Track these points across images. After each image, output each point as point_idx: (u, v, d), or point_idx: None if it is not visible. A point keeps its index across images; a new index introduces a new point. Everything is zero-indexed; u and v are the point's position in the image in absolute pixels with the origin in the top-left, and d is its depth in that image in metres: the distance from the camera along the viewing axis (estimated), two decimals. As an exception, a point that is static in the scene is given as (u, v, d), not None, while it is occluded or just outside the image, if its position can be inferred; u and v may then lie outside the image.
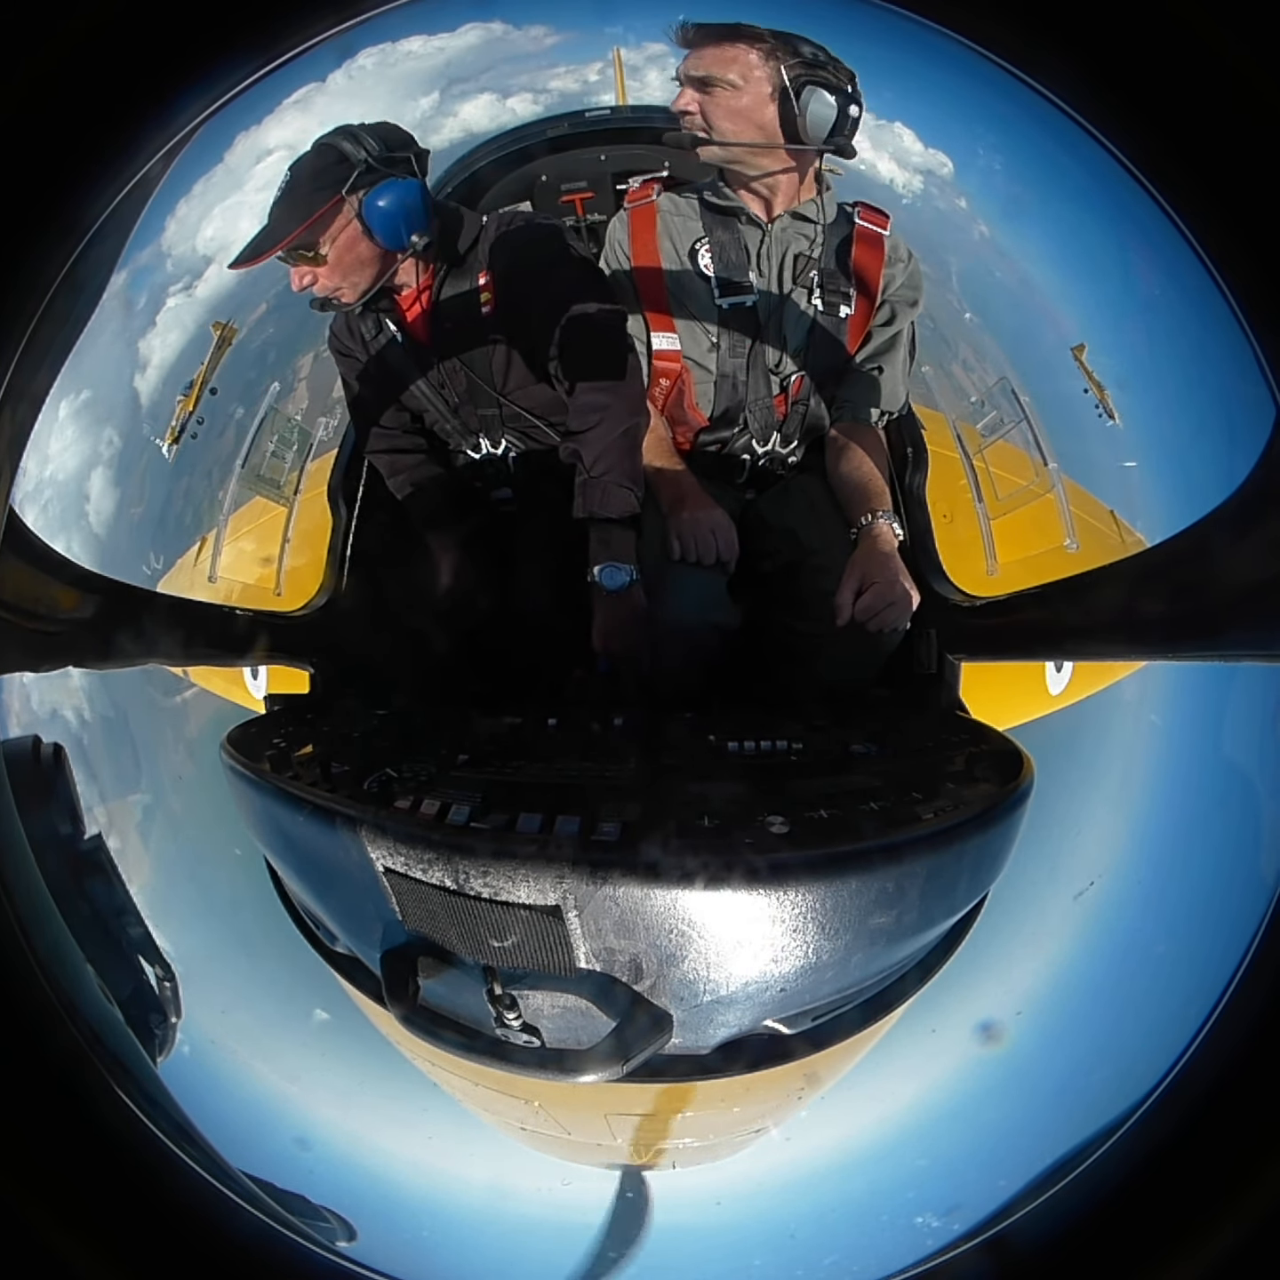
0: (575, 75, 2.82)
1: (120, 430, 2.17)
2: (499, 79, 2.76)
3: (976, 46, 0.64)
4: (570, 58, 2.82)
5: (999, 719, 1.46)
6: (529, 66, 2.81)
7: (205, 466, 2.37)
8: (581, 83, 2.83)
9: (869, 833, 0.84)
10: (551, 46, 2.83)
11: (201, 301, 2.28)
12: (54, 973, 0.66)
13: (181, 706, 2.30)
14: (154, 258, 2.16)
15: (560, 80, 2.82)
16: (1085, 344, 2.04)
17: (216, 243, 2.15)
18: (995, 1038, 1.51)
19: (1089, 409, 2.06)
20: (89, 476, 2.02)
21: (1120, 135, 0.63)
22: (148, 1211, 0.64)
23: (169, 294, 2.23)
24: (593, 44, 2.85)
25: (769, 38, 1.50)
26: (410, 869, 0.84)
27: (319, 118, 1.63)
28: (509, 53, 2.76)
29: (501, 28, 2.69)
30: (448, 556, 1.93)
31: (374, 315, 1.77)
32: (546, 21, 2.77)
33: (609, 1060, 0.81)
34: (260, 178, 1.94)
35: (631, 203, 1.84)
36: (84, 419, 2.00)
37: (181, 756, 2.20)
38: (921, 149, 2.22)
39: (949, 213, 2.32)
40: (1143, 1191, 0.65)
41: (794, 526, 1.85)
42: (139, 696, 2.16)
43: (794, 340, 1.79)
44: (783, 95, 1.52)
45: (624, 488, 1.61)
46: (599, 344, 1.67)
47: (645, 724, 1.31)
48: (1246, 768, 1.38)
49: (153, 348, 2.22)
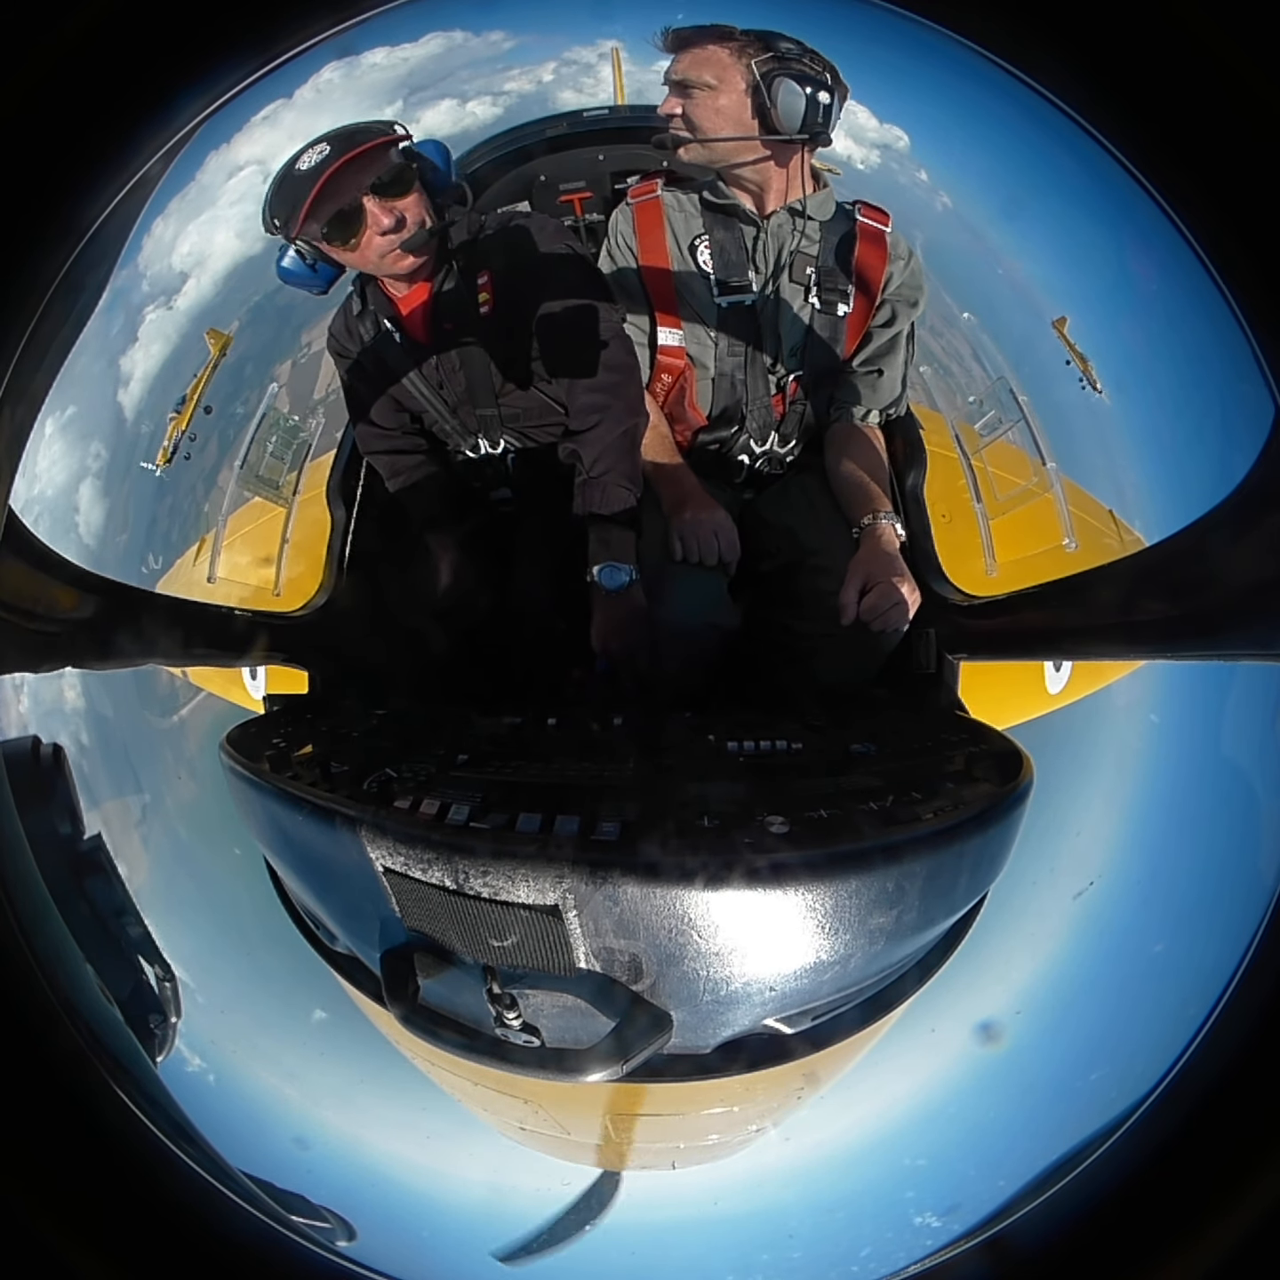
0: (574, 75, 2.83)
1: (126, 425, 2.18)
2: (496, 82, 2.76)
3: (975, 46, 0.64)
4: (570, 58, 2.82)
5: (998, 718, 1.46)
6: (528, 66, 2.81)
7: (204, 467, 2.37)
8: (581, 82, 2.83)
9: (868, 832, 0.84)
10: (551, 47, 2.83)
11: (200, 305, 2.29)
12: (54, 972, 0.65)
13: (180, 707, 2.30)
14: (146, 263, 2.16)
15: (559, 80, 2.82)
16: (1066, 317, 2.05)
17: (193, 257, 2.16)
18: (995, 1037, 1.51)
19: (1090, 411, 2.06)
20: (78, 489, 2.02)
21: (1118, 134, 0.63)
22: (147, 1211, 0.64)
23: (171, 302, 2.24)
24: (593, 44, 2.85)
25: (739, 35, 1.53)
26: (410, 869, 0.84)
27: (288, 132, 1.63)
28: (507, 54, 2.76)
29: (502, 28, 2.70)
30: (447, 557, 1.93)
31: (372, 316, 1.77)
32: (546, 21, 2.77)
33: (608, 1060, 0.81)
34: (234, 191, 1.94)
35: (635, 197, 1.85)
36: (71, 433, 2.00)
37: (180, 757, 2.20)
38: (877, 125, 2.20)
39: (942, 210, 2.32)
40: (1142, 1191, 0.65)
41: (793, 526, 1.85)
42: (138, 697, 2.16)
43: (791, 339, 1.79)
44: (755, 90, 1.54)
45: (623, 488, 1.61)
46: (598, 345, 1.67)
47: (645, 724, 1.31)
48: (1246, 767, 1.38)
49: (142, 359, 2.22)
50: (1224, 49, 0.53)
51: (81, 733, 1.60)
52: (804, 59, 1.52)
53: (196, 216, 2.11)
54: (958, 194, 2.29)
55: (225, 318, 2.38)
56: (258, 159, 1.76)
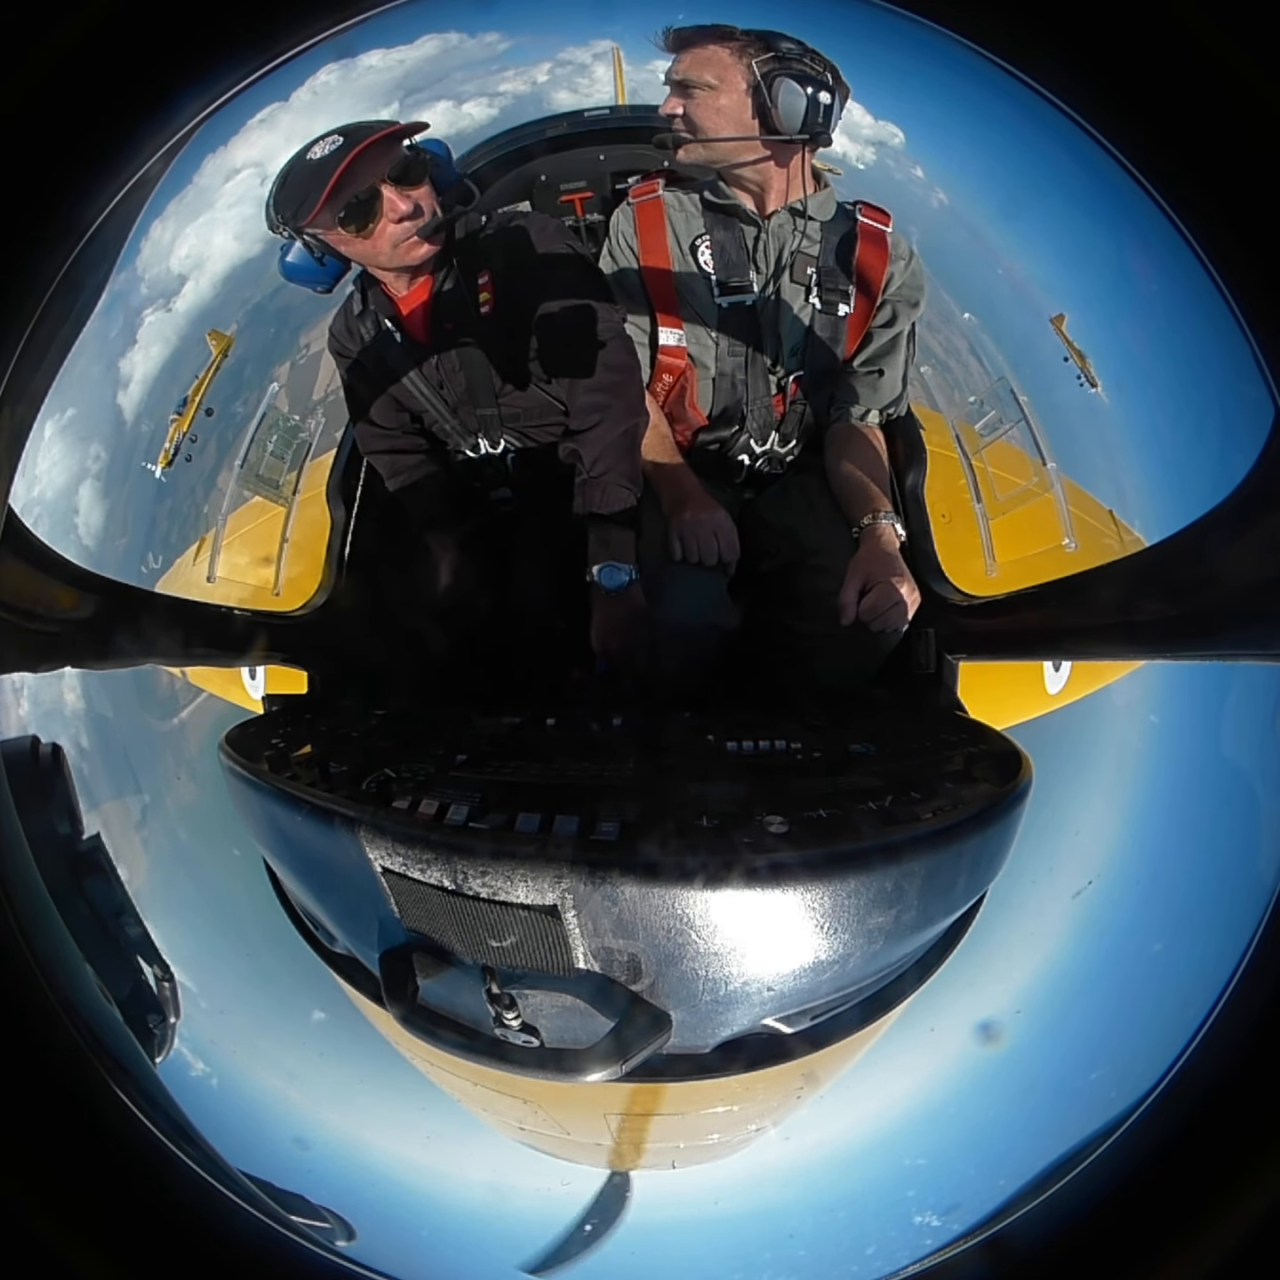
0: (569, 75, 2.82)
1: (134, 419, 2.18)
2: (492, 83, 2.76)
3: (975, 45, 0.64)
4: (565, 58, 2.82)
5: (997, 718, 1.46)
6: (523, 67, 2.81)
7: (205, 468, 2.37)
8: (576, 82, 2.83)
9: (868, 832, 0.84)
10: (550, 46, 2.83)
11: (200, 306, 2.28)
12: (53, 973, 0.65)
13: (180, 708, 2.30)
14: (145, 266, 2.16)
15: (554, 80, 2.82)
16: (1064, 314, 2.06)
17: (192, 259, 2.16)
18: (994, 1037, 1.51)
19: (1090, 412, 2.06)
20: (77, 490, 2.02)
21: (1118, 134, 0.63)
22: (147, 1211, 0.64)
23: (171, 304, 2.24)
24: (587, 44, 2.85)
25: (740, 35, 1.53)
26: (409, 869, 0.84)
27: (285, 134, 1.63)
28: (502, 55, 2.76)
29: (499, 29, 2.69)
30: (447, 556, 1.93)
31: (373, 315, 1.77)
32: (546, 21, 2.76)
33: (608, 1060, 0.81)
34: (232, 194, 1.94)
35: (637, 197, 1.85)
36: (70, 435, 2.00)
37: (180, 757, 2.20)
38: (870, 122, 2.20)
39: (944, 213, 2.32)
40: (1141, 1191, 0.65)
41: (793, 526, 1.85)
42: (138, 697, 2.16)
43: (791, 339, 1.79)
44: (756, 90, 1.54)
45: (623, 488, 1.61)
46: (599, 345, 1.67)
47: (644, 724, 1.31)
48: (1246, 767, 1.38)
49: (141, 360, 2.22)
50: (1224, 49, 0.53)
51: (81, 733, 1.60)
52: (805, 59, 1.52)
53: (195, 219, 2.11)
54: (957, 193, 2.29)
55: (225, 319, 2.38)
56: (255, 161, 1.76)
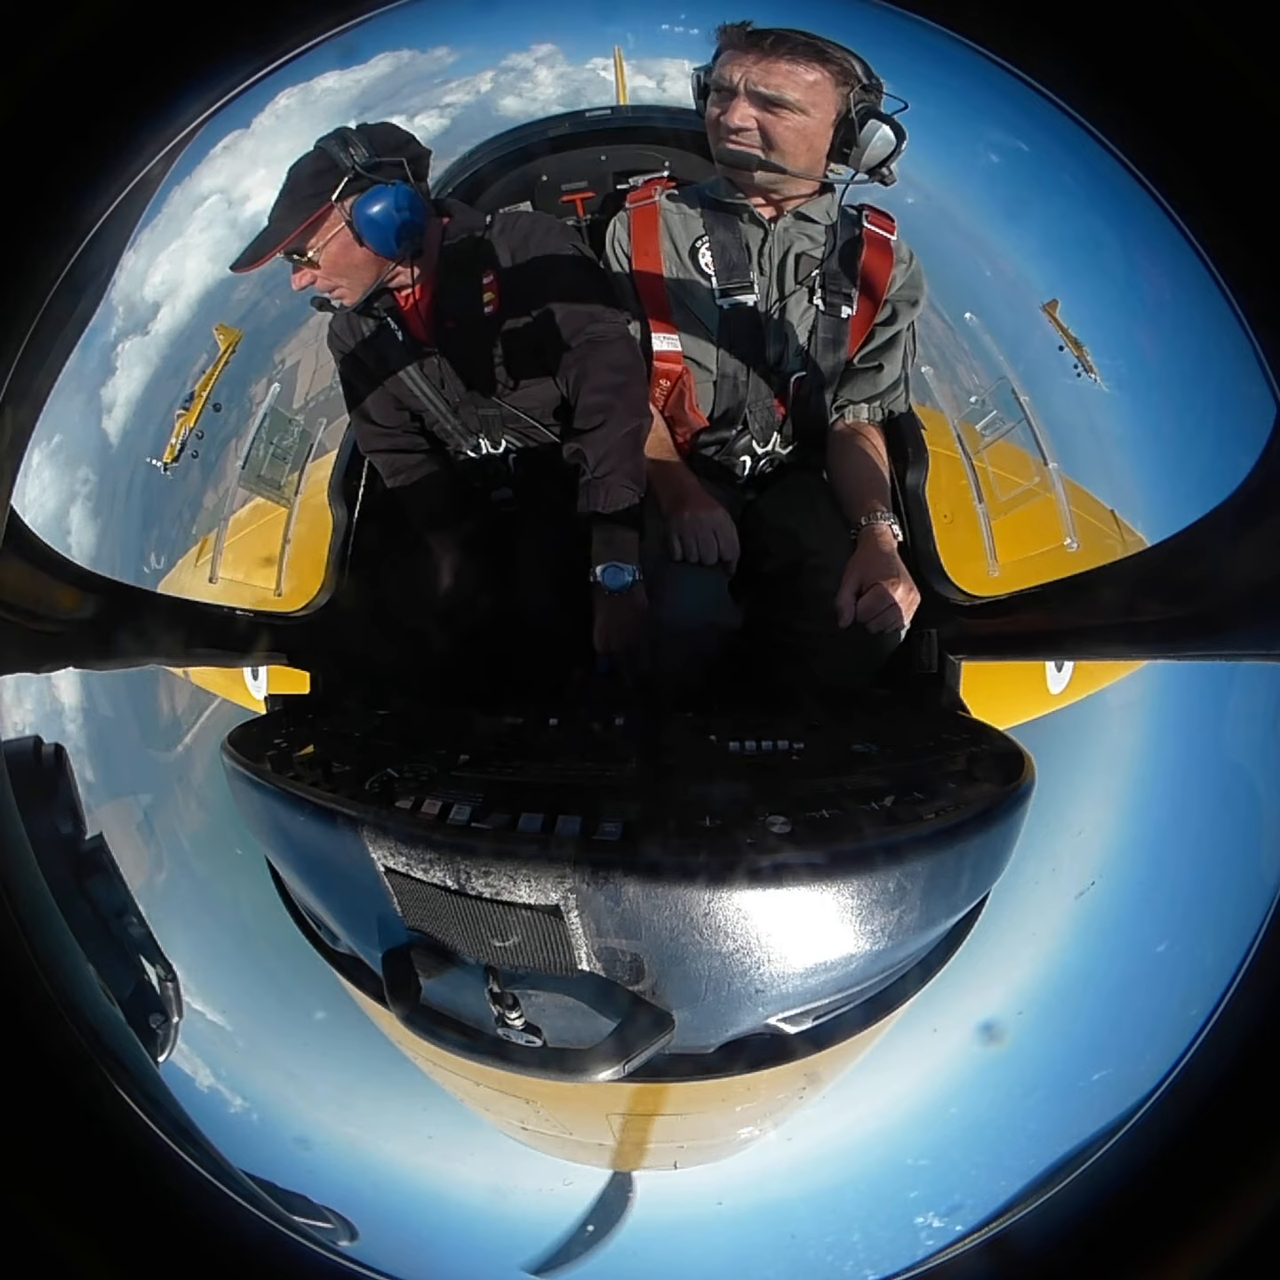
0: (572, 75, 2.83)
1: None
2: (437, 96, 2.77)
3: (975, 45, 0.64)
4: (569, 57, 2.83)
5: (1000, 718, 1.46)
6: (525, 66, 2.82)
7: (208, 467, 2.37)
8: (579, 82, 2.83)
9: (870, 833, 0.84)
10: (551, 46, 2.83)
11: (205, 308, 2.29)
12: (54, 973, 0.65)
13: (182, 707, 2.30)
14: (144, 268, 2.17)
15: (558, 80, 2.83)
16: (1057, 300, 2.06)
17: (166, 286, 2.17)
18: (997, 1037, 1.51)
19: (1092, 412, 2.06)
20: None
21: (1119, 133, 0.63)
22: (148, 1211, 0.64)
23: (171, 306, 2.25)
24: (592, 43, 2.86)
25: (834, 56, 1.45)
26: (411, 869, 0.84)
27: (249, 159, 1.64)
28: (449, 68, 2.76)
29: (500, 29, 2.70)
30: (448, 556, 1.93)
31: (375, 314, 1.77)
32: (547, 21, 2.77)
33: (610, 1060, 0.81)
34: (201, 218, 1.95)
35: (633, 203, 1.84)
36: (68, 443, 2.01)
37: (182, 757, 2.20)
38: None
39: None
40: (1144, 1191, 0.64)
41: (794, 527, 1.84)
42: (140, 697, 2.16)
43: (794, 340, 1.78)
44: (843, 122, 1.50)
45: (627, 488, 1.61)
46: (602, 345, 1.67)
47: (646, 724, 1.31)
48: (1247, 767, 1.38)
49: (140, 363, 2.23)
50: (1224, 49, 0.53)
51: (83, 733, 1.60)
52: (879, 89, 1.48)
53: (166, 246, 2.13)
54: (957, 193, 2.29)
55: (227, 318, 2.39)
56: (220, 188, 1.78)
